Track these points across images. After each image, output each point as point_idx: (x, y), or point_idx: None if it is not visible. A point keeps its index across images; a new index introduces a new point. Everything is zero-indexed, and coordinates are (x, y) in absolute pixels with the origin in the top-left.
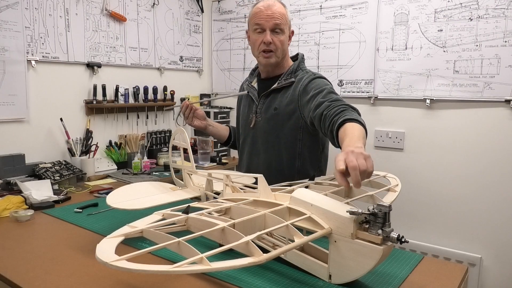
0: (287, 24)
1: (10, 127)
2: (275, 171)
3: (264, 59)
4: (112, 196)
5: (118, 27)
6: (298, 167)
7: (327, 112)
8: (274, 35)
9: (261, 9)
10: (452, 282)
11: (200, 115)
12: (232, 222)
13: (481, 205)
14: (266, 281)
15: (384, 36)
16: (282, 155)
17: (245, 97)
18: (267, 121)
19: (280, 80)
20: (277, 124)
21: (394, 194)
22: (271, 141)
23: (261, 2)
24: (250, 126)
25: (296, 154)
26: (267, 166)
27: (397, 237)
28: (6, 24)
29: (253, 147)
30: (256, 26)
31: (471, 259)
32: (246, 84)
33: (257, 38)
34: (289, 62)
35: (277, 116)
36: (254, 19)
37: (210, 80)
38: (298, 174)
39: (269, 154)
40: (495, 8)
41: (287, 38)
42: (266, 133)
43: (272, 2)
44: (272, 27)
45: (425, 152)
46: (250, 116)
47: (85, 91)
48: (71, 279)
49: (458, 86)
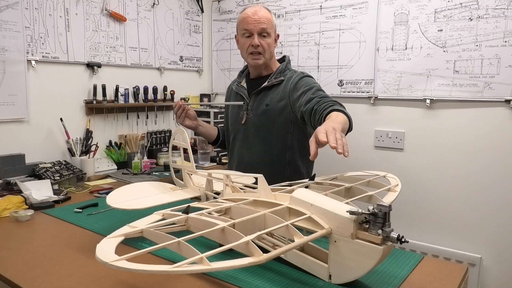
0: (273, 28)
1: (10, 127)
2: (266, 163)
3: (252, 61)
4: (112, 196)
5: (118, 27)
6: (288, 159)
7: (317, 107)
8: (261, 39)
9: (249, 14)
10: (452, 282)
11: (191, 115)
12: (232, 222)
13: (481, 205)
14: (266, 281)
15: (384, 36)
16: (273, 147)
17: (234, 96)
18: (259, 117)
19: (270, 79)
20: (269, 119)
21: (394, 194)
22: (262, 135)
23: (248, 9)
24: (241, 123)
25: (286, 147)
26: (260, 159)
27: (397, 237)
28: (6, 24)
29: (244, 142)
30: (244, 31)
31: (471, 259)
32: (235, 84)
33: (245, 42)
34: (277, 64)
35: (269, 112)
36: (242, 25)
37: (210, 80)
38: (289, 165)
39: (261, 147)
40: (495, 8)
41: (273, 41)
42: (257, 128)
43: (258, 8)
44: (259, 31)
45: (425, 152)
46: (240, 113)
47: (85, 91)
48: (71, 279)
49: (458, 86)
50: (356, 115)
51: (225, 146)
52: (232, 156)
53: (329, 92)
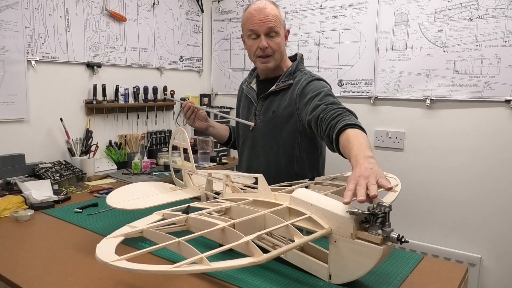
0: (282, 25)
1: (10, 127)
2: (273, 174)
3: (261, 64)
4: (112, 196)
5: (118, 27)
6: (296, 170)
7: (323, 115)
8: (269, 39)
9: (253, 13)
10: (452, 282)
11: (201, 116)
12: (232, 222)
13: (481, 205)
14: (266, 281)
15: (384, 36)
16: (280, 158)
17: (244, 98)
18: (266, 124)
19: (278, 83)
20: (276, 127)
21: (394, 194)
22: (269, 145)
23: (252, 6)
24: (249, 129)
25: (294, 158)
26: (267, 169)
27: (397, 237)
28: (6, 24)
29: (252, 150)
30: (250, 32)
31: (471, 259)
32: (245, 85)
33: (252, 44)
34: (288, 63)
35: (276, 119)
36: (247, 25)
37: (210, 80)
38: (297, 177)
39: (268, 157)
40: (495, 8)
41: (283, 39)
42: (265, 136)
43: (263, 5)
44: (266, 31)
45: (425, 152)
46: (249, 118)
47: (85, 91)
48: (71, 279)
49: (458, 86)
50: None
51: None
52: (241, 162)
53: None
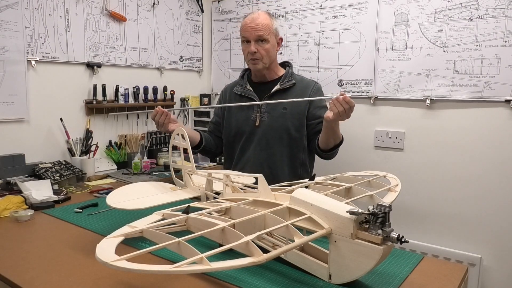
0: (272, 33)
1: (10, 127)
2: (284, 163)
3: (252, 66)
4: (112, 196)
5: (118, 27)
6: (301, 159)
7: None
8: (258, 45)
9: (247, 22)
10: (452, 282)
11: (173, 119)
12: (232, 222)
13: (481, 205)
14: (266, 281)
15: (384, 36)
16: (292, 148)
17: (237, 100)
18: (276, 119)
19: (283, 82)
20: (286, 122)
21: (394, 194)
22: (279, 137)
23: (249, 15)
24: (255, 125)
25: (301, 148)
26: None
27: (397, 237)
28: (6, 24)
29: (258, 143)
30: (243, 38)
31: (471, 259)
32: (240, 88)
33: (245, 48)
34: (279, 68)
35: (286, 115)
36: (241, 32)
37: (210, 80)
38: (301, 165)
39: (279, 148)
40: (495, 8)
41: (273, 45)
42: (273, 129)
43: (256, 15)
44: (255, 38)
45: (425, 152)
46: (252, 116)
47: (85, 91)
48: (71, 279)
49: (458, 86)
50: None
51: (208, 152)
52: (241, 158)
53: (329, 92)
